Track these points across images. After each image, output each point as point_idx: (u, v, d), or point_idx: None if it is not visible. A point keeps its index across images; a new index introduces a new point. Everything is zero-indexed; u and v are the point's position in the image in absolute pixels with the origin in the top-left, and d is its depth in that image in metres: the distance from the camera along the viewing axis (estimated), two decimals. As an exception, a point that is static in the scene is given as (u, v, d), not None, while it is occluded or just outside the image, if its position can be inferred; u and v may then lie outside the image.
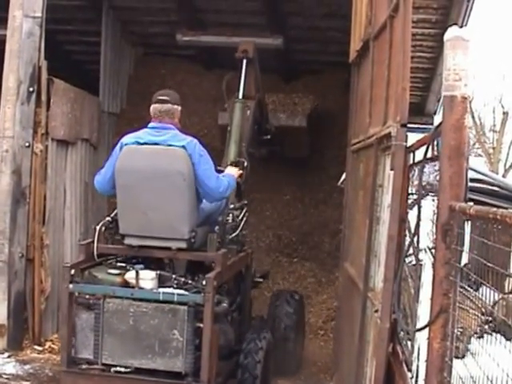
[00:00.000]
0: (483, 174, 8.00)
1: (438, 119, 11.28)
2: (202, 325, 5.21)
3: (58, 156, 8.77)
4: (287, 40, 10.19)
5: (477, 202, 3.47)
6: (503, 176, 23.54)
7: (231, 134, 7.40)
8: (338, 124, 10.45)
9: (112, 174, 5.61)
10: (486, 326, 4.43)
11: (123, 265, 5.59)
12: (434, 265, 3.53)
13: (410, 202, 4.52)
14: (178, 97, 5.77)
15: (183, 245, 5.54)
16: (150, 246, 5.59)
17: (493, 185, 7.70)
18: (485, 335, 4.09)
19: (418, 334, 3.93)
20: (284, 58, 11.22)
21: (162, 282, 5.44)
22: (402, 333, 4.44)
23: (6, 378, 7.02)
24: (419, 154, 4.39)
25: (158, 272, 5.44)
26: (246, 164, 7.15)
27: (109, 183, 5.69)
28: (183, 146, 5.44)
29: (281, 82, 11.65)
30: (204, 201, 5.83)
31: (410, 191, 4.53)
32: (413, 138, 4.49)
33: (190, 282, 5.43)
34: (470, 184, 3.54)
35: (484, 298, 4.38)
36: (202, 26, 10.58)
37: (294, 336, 8.18)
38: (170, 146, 5.48)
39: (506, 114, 27.32)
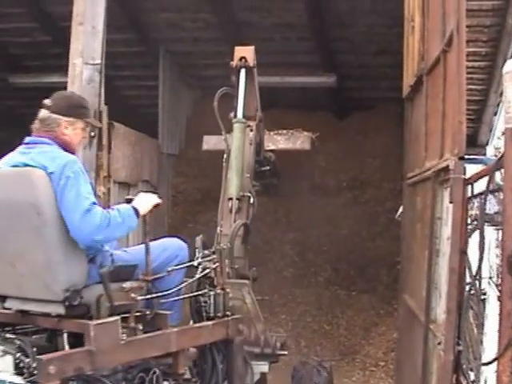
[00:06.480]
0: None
1: (490, 150, 11.28)
2: None
3: (120, 197, 8.88)
4: (339, 77, 10.36)
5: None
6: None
7: (231, 162, 5.90)
8: (392, 157, 10.51)
9: None
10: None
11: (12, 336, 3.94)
12: (499, 297, 3.52)
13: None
14: (71, 103, 4.15)
15: (61, 310, 3.83)
16: (30, 311, 4.00)
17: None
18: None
19: (483, 366, 3.93)
20: (336, 95, 11.37)
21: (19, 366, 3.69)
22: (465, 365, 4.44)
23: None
24: (477, 186, 4.45)
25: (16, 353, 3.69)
26: (252, 200, 5.79)
27: None
28: (45, 166, 3.82)
29: (334, 120, 11.76)
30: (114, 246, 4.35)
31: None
32: (467, 169, 4.55)
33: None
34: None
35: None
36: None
37: None
38: (29, 166, 3.89)
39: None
